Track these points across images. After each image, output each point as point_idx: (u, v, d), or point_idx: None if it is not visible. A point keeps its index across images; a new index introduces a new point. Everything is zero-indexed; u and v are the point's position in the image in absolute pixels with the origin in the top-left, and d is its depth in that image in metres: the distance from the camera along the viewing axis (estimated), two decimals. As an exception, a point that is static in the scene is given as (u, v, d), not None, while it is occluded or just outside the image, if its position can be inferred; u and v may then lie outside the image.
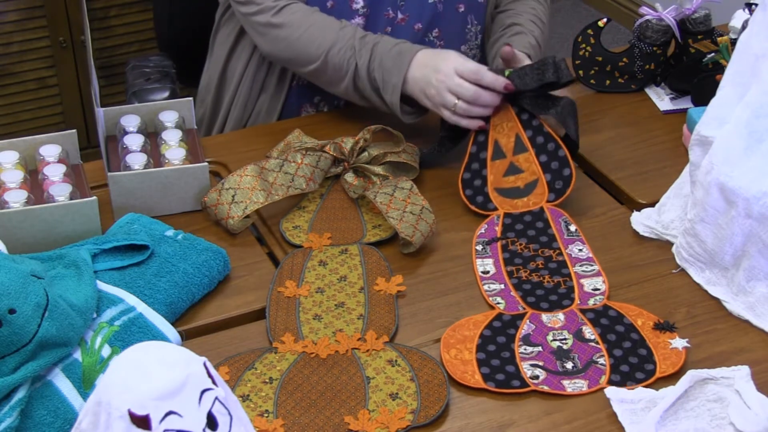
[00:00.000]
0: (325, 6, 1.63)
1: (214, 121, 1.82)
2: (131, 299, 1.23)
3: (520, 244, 1.41)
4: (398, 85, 1.53)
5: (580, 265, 1.37)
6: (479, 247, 1.41)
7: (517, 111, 1.52)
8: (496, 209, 1.47)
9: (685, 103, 1.72)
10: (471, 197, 1.48)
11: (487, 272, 1.37)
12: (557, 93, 1.53)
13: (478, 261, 1.39)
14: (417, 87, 1.53)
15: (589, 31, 1.74)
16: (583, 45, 1.74)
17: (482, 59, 1.82)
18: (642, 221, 1.45)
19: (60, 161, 1.44)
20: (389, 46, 1.55)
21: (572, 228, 1.43)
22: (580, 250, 1.40)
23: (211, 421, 0.88)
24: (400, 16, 1.67)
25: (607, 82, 1.76)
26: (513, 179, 1.49)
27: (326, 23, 1.59)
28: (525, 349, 1.24)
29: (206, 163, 1.46)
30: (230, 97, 1.77)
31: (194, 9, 2.02)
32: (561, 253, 1.39)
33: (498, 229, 1.43)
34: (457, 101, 1.49)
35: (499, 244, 1.41)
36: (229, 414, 0.90)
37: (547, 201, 1.46)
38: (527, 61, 1.57)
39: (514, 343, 1.25)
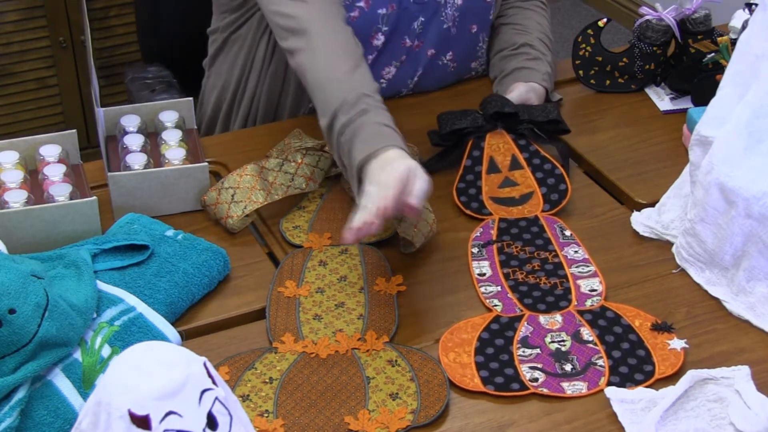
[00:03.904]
0: None
1: (227, 122, 1.81)
2: (131, 299, 1.23)
3: (516, 247, 1.41)
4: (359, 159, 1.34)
5: (576, 267, 1.37)
6: (475, 250, 1.41)
7: (513, 137, 1.53)
8: (491, 214, 1.47)
9: (685, 103, 1.72)
10: (466, 203, 1.48)
11: (484, 274, 1.37)
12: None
13: (474, 263, 1.39)
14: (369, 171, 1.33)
15: (589, 31, 1.74)
16: (583, 45, 1.74)
17: (485, 67, 1.82)
18: (642, 221, 1.45)
19: (60, 161, 1.44)
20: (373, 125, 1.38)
21: (567, 233, 1.43)
22: (576, 251, 1.40)
23: (211, 421, 0.88)
24: (416, 42, 1.67)
25: (607, 82, 1.76)
26: (508, 190, 1.49)
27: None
28: (523, 352, 1.24)
29: (206, 163, 1.46)
30: (250, 103, 1.75)
31: (179, 16, 2.02)
32: (557, 255, 1.39)
33: (493, 232, 1.43)
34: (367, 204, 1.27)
35: (494, 246, 1.41)
36: (229, 414, 0.90)
37: (542, 211, 1.47)
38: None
39: (512, 345, 1.25)
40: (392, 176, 1.26)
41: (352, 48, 1.46)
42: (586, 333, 1.27)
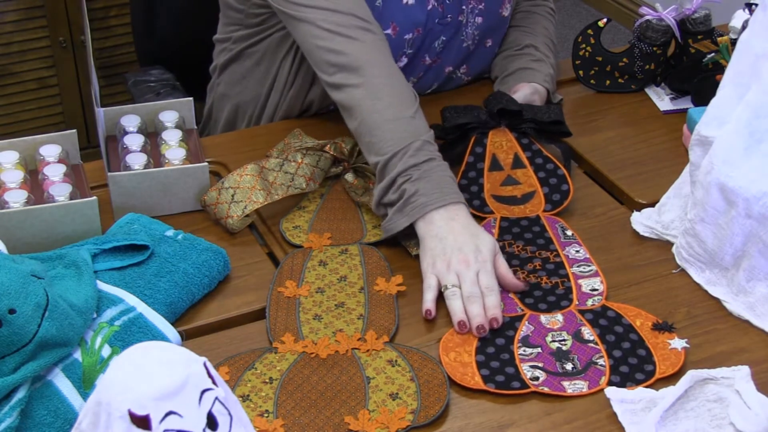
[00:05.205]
0: None
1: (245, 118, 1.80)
2: (131, 299, 1.23)
3: (517, 246, 1.41)
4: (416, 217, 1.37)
5: (578, 266, 1.37)
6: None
7: (516, 136, 1.53)
8: (492, 213, 1.47)
9: (685, 103, 1.72)
10: (467, 201, 1.48)
11: (486, 273, 1.37)
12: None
13: (477, 262, 1.39)
14: (431, 230, 1.35)
15: (589, 31, 1.74)
16: (583, 45, 1.74)
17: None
18: (642, 221, 1.45)
19: (60, 161, 1.44)
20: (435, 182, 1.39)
21: (569, 232, 1.43)
22: (577, 251, 1.40)
23: (211, 421, 0.88)
24: (435, 59, 1.67)
25: (607, 82, 1.76)
26: (510, 189, 1.49)
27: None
28: (524, 351, 1.24)
29: (206, 163, 1.46)
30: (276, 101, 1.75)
31: (175, 20, 2.01)
32: (558, 255, 1.39)
33: (495, 231, 1.43)
34: (452, 287, 1.30)
35: None
36: (229, 414, 0.90)
37: (544, 211, 1.47)
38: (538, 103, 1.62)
39: (513, 344, 1.25)
40: (487, 247, 1.33)
41: (409, 91, 1.47)
42: (587, 332, 1.27)
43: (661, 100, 1.74)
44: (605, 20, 1.74)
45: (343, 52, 1.47)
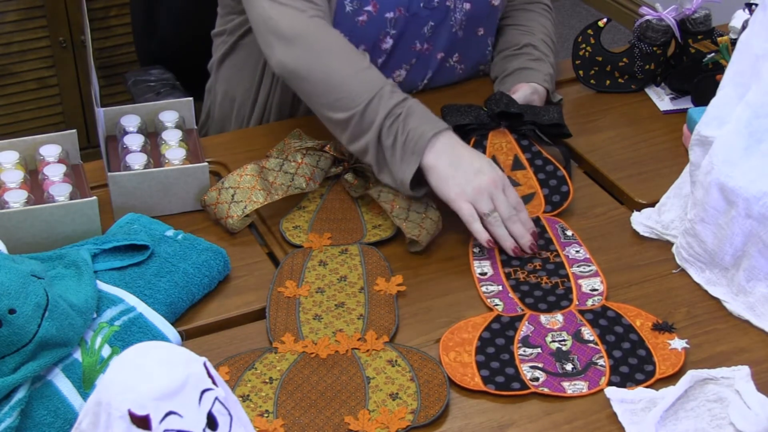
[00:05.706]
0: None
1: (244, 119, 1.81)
2: (131, 299, 1.23)
3: (518, 247, 1.41)
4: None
5: (578, 266, 1.37)
6: (476, 250, 1.41)
7: (516, 137, 1.53)
8: None
9: (685, 103, 1.72)
10: None
11: (485, 274, 1.37)
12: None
13: (476, 263, 1.39)
14: (443, 163, 1.39)
15: (589, 31, 1.74)
16: (583, 45, 1.74)
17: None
18: (642, 221, 1.45)
19: (60, 161, 1.44)
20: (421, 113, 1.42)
21: (569, 233, 1.43)
22: (577, 251, 1.40)
23: (211, 421, 0.88)
24: (426, 46, 1.67)
25: (607, 82, 1.76)
26: None
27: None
28: (524, 351, 1.24)
29: (206, 163, 1.46)
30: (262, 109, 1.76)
31: (176, 19, 2.01)
32: (558, 255, 1.39)
33: None
34: (491, 212, 1.37)
35: (496, 246, 1.41)
36: (229, 414, 0.90)
37: (544, 212, 1.47)
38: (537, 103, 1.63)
39: (513, 345, 1.25)
40: (492, 162, 1.40)
41: (356, 49, 1.49)
42: (587, 332, 1.27)
43: (661, 100, 1.74)
44: (605, 20, 1.74)
45: (278, 20, 1.49)
